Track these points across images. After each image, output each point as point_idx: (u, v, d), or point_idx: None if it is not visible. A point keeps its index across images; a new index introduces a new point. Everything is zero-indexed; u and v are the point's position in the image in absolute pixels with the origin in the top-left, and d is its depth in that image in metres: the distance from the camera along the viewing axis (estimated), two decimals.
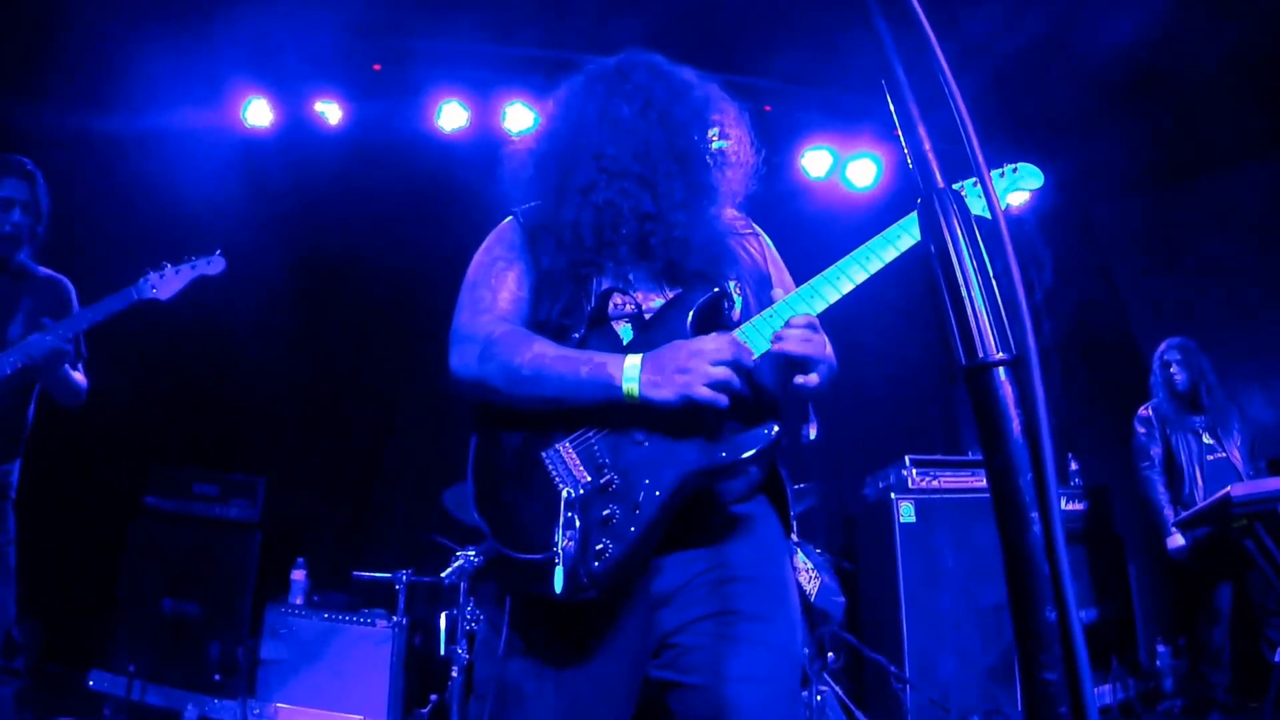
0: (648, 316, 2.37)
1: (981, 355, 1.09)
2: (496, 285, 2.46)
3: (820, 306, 2.28)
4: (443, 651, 5.96)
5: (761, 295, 2.48)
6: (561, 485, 2.15)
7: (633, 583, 2.20)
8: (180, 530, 6.74)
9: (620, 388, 2.15)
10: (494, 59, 7.91)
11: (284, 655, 6.18)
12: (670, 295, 2.39)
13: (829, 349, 2.32)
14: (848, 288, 2.30)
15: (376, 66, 7.89)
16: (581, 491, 2.13)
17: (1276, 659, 5.62)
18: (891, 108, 1.24)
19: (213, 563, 6.69)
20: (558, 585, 2.01)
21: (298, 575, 6.58)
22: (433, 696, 6.08)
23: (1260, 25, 6.71)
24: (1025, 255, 7.02)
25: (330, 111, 7.92)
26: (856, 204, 8.58)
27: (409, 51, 7.81)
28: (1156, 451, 6.52)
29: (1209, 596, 6.23)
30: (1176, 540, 6.25)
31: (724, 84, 2.65)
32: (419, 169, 8.07)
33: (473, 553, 5.78)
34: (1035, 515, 1.08)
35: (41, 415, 4.40)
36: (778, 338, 2.21)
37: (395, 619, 6.20)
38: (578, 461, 2.19)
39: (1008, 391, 1.08)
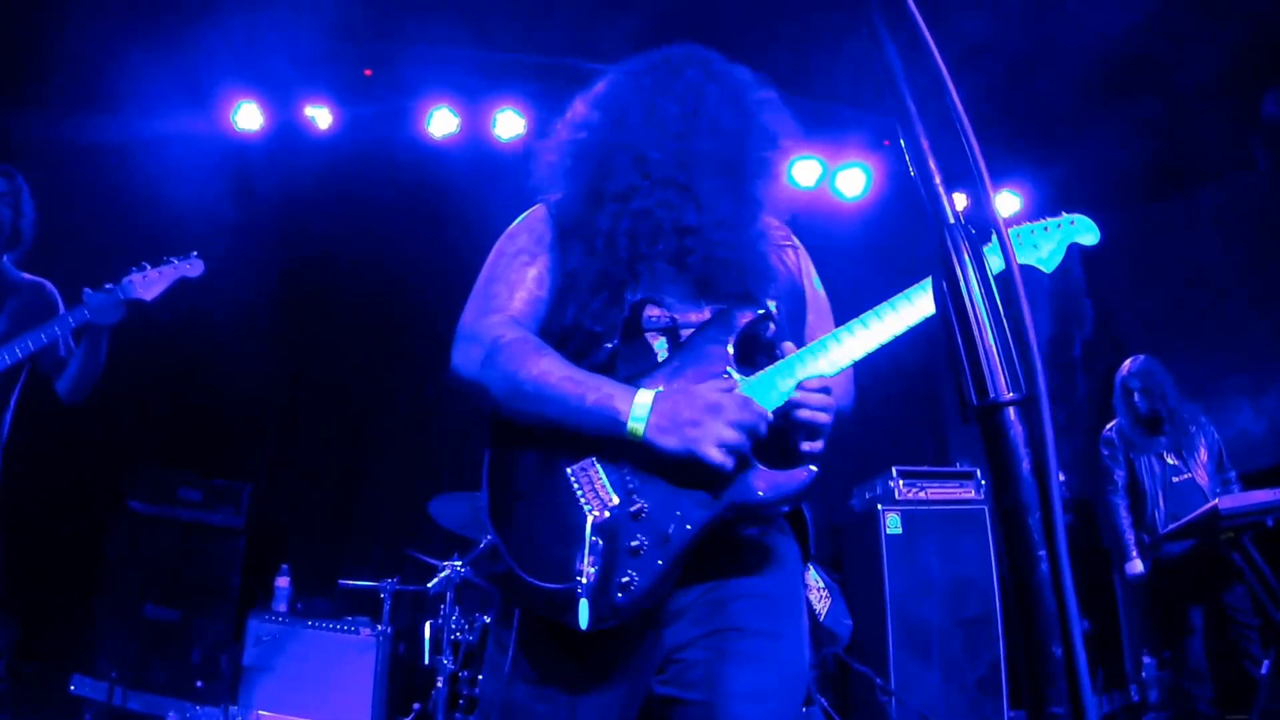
0: (683, 333, 2.24)
1: (992, 395, 1.09)
2: (514, 282, 2.31)
3: (830, 364, 2.14)
4: (427, 661, 5.94)
5: (795, 311, 2.39)
6: (587, 506, 2.05)
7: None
8: (164, 535, 6.71)
9: (625, 425, 2.02)
10: (484, 65, 7.91)
11: (267, 662, 6.14)
12: (708, 312, 2.25)
13: (848, 390, 2.25)
14: (868, 340, 2.16)
15: (367, 72, 7.88)
16: (607, 515, 2.03)
17: (1262, 673, 5.63)
18: (902, 142, 1.23)
19: (196, 568, 6.67)
20: (582, 621, 1.93)
21: (282, 582, 6.56)
22: (415, 705, 6.05)
23: (1251, 38, 6.75)
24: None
25: (320, 116, 7.91)
26: (845, 214, 8.58)
27: (399, 57, 7.80)
28: (1120, 475, 6.52)
29: (1182, 613, 6.25)
30: (1136, 566, 6.30)
31: None
32: (408, 175, 8.07)
33: (459, 563, 5.77)
34: (1043, 553, 1.08)
35: (27, 418, 4.37)
36: (791, 403, 2.09)
37: (380, 628, 6.17)
38: (605, 483, 2.08)
39: (1018, 431, 1.08)
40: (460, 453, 7.70)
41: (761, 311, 2.22)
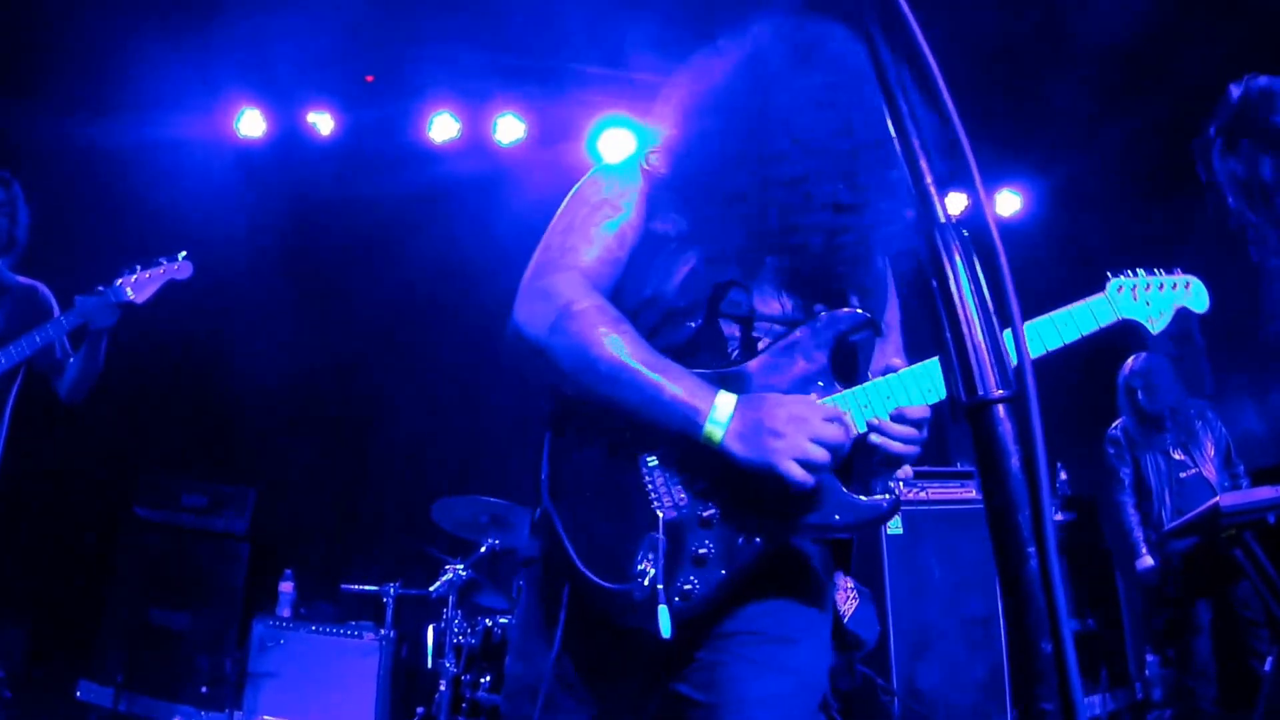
0: (759, 325, 2.09)
1: (982, 392, 1.10)
2: (594, 238, 2.10)
3: (933, 389, 1.99)
4: (430, 664, 5.94)
5: (880, 317, 2.23)
6: (656, 503, 1.94)
7: None
8: (169, 540, 6.73)
9: (701, 427, 1.87)
10: (485, 70, 7.91)
11: (271, 667, 6.15)
12: (793, 306, 2.10)
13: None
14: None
15: (369, 78, 7.90)
16: (675, 515, 1.93)
17: (1266, 669, 5.62)
18: (896, 141, 1.24)
19: (201, 574, 6.68)
20: (664, 630, 1.83)
21: (285, 587, 6.56)
22: (419, 709, 6.05)
23: (1257, 37, 6.73)
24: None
25: (323, 122, 7.93)
26: None
27: (401, 63, 7.82)
28: (1126, 473, 6.51)
29: (1188, 611, 6.25)
30: (1146, 561, 6.29)
31: None
32: (410, 180, 8.07)
33: (461, 566, 5.77)
34: (1032, 550, 1.08)
35: (32, 424, 4.39)
36: (881, 428, 1.97)
37: (383, 632, 6.18)
38: (678, 480, 1.96)
39: (1007, 428, 1.09)
40: (462, 456, 7.72)
41: (867, 317, 2.06)
